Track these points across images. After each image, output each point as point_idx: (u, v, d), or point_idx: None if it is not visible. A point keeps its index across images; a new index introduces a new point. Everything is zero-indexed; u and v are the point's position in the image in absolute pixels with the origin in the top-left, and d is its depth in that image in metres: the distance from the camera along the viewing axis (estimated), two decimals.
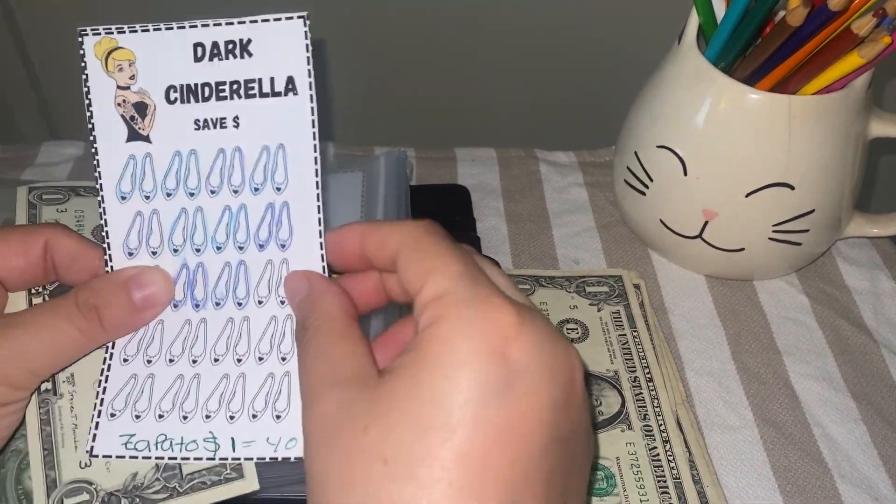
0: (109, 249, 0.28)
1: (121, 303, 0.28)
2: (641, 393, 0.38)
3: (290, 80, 0.27)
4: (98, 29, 0.28)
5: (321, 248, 0.27)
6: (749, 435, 0.38)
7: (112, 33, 0.28)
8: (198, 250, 0.28)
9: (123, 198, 0.28)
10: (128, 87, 0.28)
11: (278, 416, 0.27)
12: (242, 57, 0.27)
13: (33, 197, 0.35)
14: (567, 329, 0.42)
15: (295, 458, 0.26)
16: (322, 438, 0.22)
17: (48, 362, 0.27)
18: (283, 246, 0.27)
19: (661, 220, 0.44)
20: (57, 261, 0.30)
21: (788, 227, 0.41)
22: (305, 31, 0.27)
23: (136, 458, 0.27)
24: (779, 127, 0.38)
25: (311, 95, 0.27)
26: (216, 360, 0.28)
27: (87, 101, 0.28)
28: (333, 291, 0.26)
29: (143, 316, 0.28)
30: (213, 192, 0.28)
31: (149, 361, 0.28)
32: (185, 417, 0.27)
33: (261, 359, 0.27)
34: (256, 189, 0.27)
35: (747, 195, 0.40)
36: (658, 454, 0.36)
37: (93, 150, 0.28)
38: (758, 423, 0.39)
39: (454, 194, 0.50)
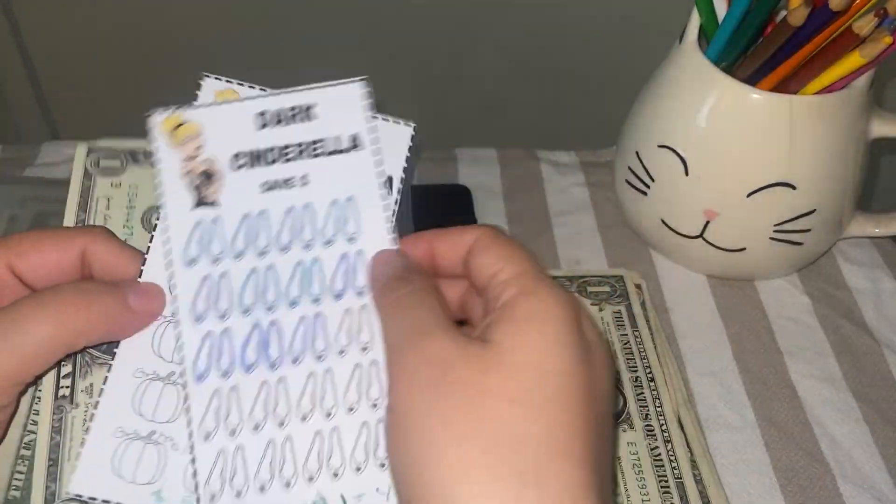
0: (177, 315, 0.28)
1: (111, 298, 0.27)
2: (643, 393, 0.38)
3: (355, 137, 0.28)
4: (167, 107, 0.29)
5: None
6: (751, 435, 0.38)
7: (179, 109, 0.29)
8: (270, 309, 0.28)
9: (191, 262, 0.28)
10: (195, 158, 0.29)
11: (382, 465, 0.26)
12: (306, 121, 0.28)
13: (90, 163, 0.34)
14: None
15: None
16: (436, 378, 0.22)
17: (43, 359, 0.26)
18: (360, 294, 0.27)
19: (662, 220, 0.44)
20: (93, 268, 0.29)
21: (790, 227, 0.41)
22: (366, 92, 0.28)
23: None
24: (780, 127, 0.38)
25: (376, 149, 0.28)
26: (304, 419, 0.27)
27: (158, 176, 0.29)
28: (425, 266, 0.27)
29: (135, 320, 0.27)
30: (283, 249, 0.28)
31: (232, 433, 0.27)
32: (287, 485, 0.26)
33: (351, 409, 0.26)
34: (328, 242, 0.28)
35: (749, 195, 0.40)
36: (660, 454, 0.36)
37: (161, 216, 0.28)
38: (759, 422, 0.39)
39: (455, 194, 0.50)
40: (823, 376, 0.41)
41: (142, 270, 0.28)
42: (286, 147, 0.28)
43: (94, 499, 0.26)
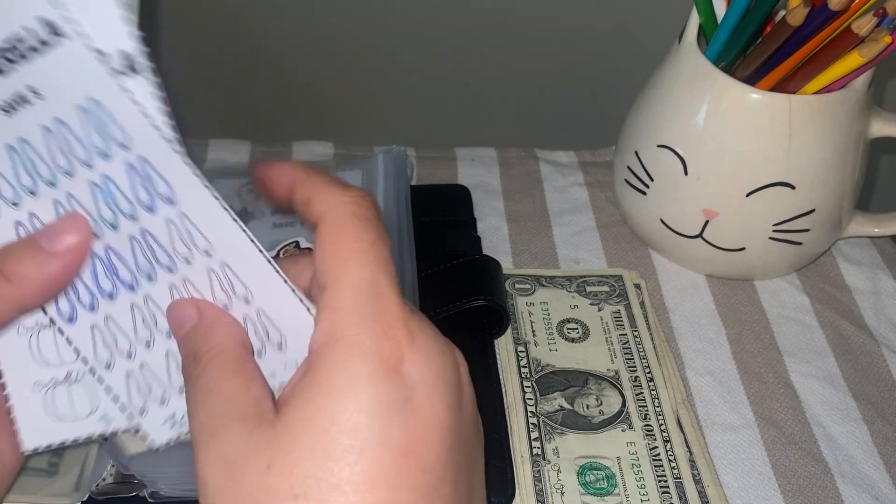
0: None
1: (25, 252, 0.25)
2: (642, 393, 0.38)
3: (47, 23, 0.22)
4: None
5: (205, 186, 0.23)
6: (750, 434, 0.38)
7: None
8: (95, 235, 0.25)
9: None
10: None
11: (281, 344, 0.25)
12: None
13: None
14: (567, 329, 0.42)
15: None
16: (223, 482, 0.21)
17: None
18: (169, 200, 0.24)
19: (661, 220, 0.44)
20: None
21: (789, 227, 0.41)
22: None
23: (187, 431, 0.26)
24: (779, 126, 0.38)
25: (78, 33, 0.22)
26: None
27: None
28: (226, 322, 0.24)
29: (59, 261, 0.25)
30: (68, 173, 0.25)
31: (129, 356, 0.27)
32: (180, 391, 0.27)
33: (225, 307, 0.25)
34: (106, 155, 0.24)
35: (748, 195, 0.40)
36: (659, 454, 0.36)
37: None
38: (758, 422, 0.39)
39: (454, 194, 0.50)
40: (822, 376, 0.41)
41: None
42: None
43: (50, 446, 0.27)
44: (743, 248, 0.43)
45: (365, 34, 0.69)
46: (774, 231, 0.41)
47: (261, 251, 0.24)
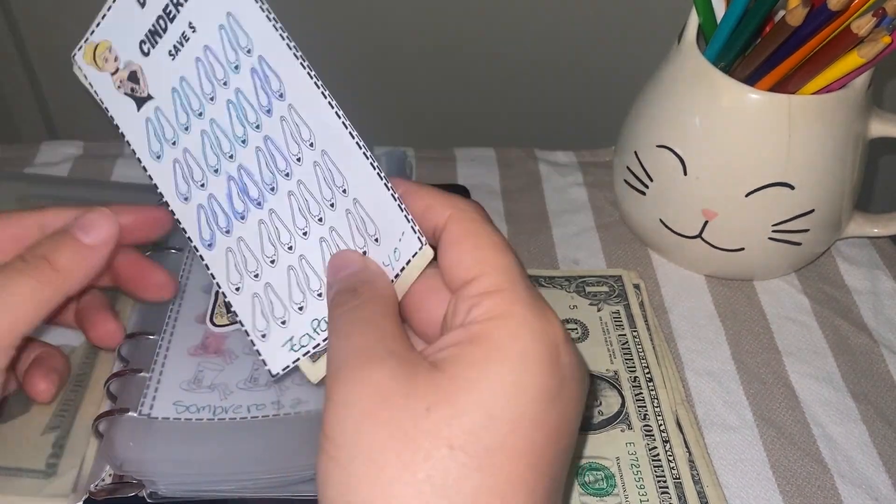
0: (169, 207, 0.30)
1: (69, 245, 0.28)
2: (641, 393, 0.38)
3: None
4: (80, 44, 0.31)
5: (309, 76, 0.26)
6: (749, 435, 0.38)
7: (88, 37, 0.30)
8: (230, 157, 0.28)
9: (158, 157, 0.30)
10: (116, 70, 0.30)
11: (376, 239, 0.26)
12: None
13: None
14: (566, 329, 0.41)
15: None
16: (373, 410, 0.21)
17: (18, 322, 0.27)
18: (280, 95, 0.27)
19: (660, 220, 0.44)
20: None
21: (788, 227, 0.41)
22: None
23: (307, 353, 0.28)
24: (779, 127, 0.38)
25: None
26: (304, 234, 0.28)
27: (103, 106, 0.30)
28: (388, 281, 0.25)
29: (97, 253, 0.28)
30: (212, 98, 0.28)
31: (256, 276, 0.29)
32: (320, 295, 0.27)
33: (332, 205, 0.27)
34: (236, 67, 0.27)
35: (747, 195, 0.40)
36: (658, 454, 0.36)
37: (121, 135, 0.30)
38: (757, 422, 0.39)
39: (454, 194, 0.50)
40: (822, 376, 0.41)
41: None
42: (166, 7, 0.28)
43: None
44: (742, 249, 0.42)
45: (365, 34, 0.69)
46: (774, 231, 0.41)
47: (353, 135, 0.25)
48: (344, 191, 0.26)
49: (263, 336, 0.29)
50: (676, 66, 0.41)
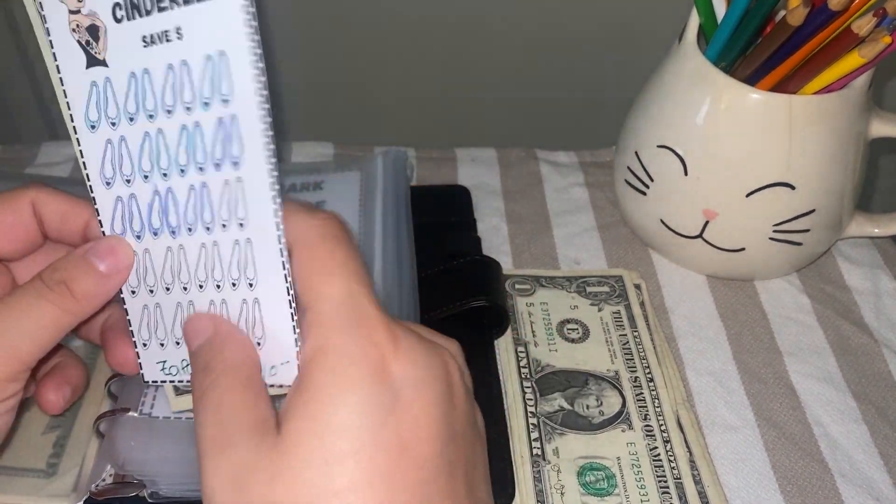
0: (89, 180, 0.28)
1: (87, 273, 0.28)
2: (642, 393, 0.38)
3: None
4: None
5: (269, 162, 0.25)
6: (750, 435, 0.38)
7: None
8: (165, 175, 0.27)
9: (93, 126, 0.28)
10: (78, 11, 0.27)
11: (259, 343, 0.26)
12: None
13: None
14: (567, 329, 0.42)
15: (280, 385, 0.26)
16: (231, 495, 0.21)
17: (33, 347, 0.27)
18: (235, 164, 0.26)
19: (661, 220, 0.44)
20: (46, 221, 0.30)
21: (789, 227, 0.41)
22: None
23: (173, 381, 0.29)
24: (779, 127, 0.38)
25: None
26: (201, 287, 0.27)
27: (44, 30, 0.27)
28: (239, 339, 0.25)
29: (112, 281, 0.28)
30: (168, 111, 0.26)
31: (151, 291, 0.28)
32: (178, 343, 0.28)
33: (234, 284, 0.27)
34: (206, 103, 0.26)
35: (748, 195, 0.40)
36: (659, 454, 0.36)
37: (59, 81, 0.28)
38: (758, 422, 0.39)
39: (454, 194, 0.50)
40: (823, 376, 0.41)
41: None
42: None
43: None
44: (743, 249, 0.42)
45: (365, 34, 0.69)
46: (774, 231, 0.41)
47: (282, 252, 0.25)
48: (250, 284, 0.26)
49: (144, 345, 0.29)
50: (677, 66, 0.41)
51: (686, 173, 0.41)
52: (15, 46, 0.70)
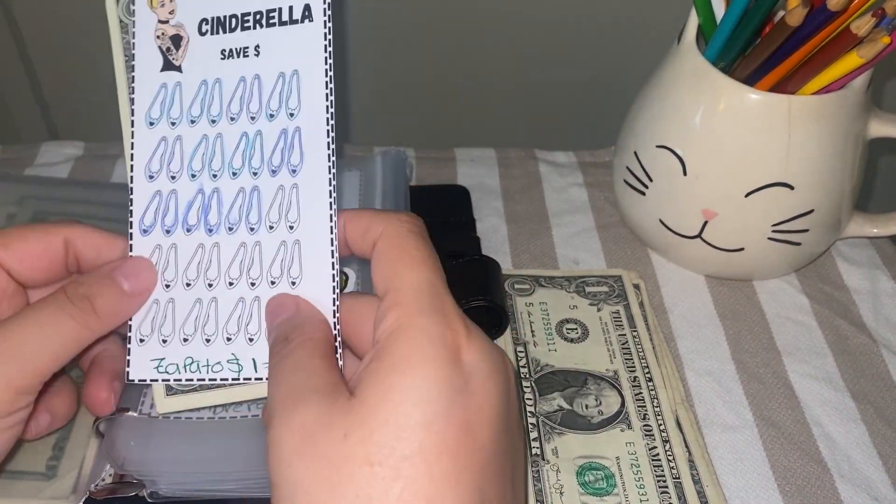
0: (132, 171, 0.30)
1: (111, 291, 0.28)
2: (641, 393, 0.38)
3: (307, 7, 0.28)
4: None
5: (329, 173, 0.27)
6: (748, 435, 0.38)
7: None
8: (215, 176, 0.29)
9: (151, 123, 0.30)
10: (167, 21, 0.30)
11: None
12: None
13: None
14: (567, 329, 0.42)
15: None
16: (301, 447, 0.22)
17: (49, 360, 0.27)
18: (293, 171, 0.27)
19: (660, 220, 0.44)
20: (81, 255, 0.30)
21: (788, 227, 0.41)
22: None
23: (167, 381, 0.29)
24: (778, 127, 0.38)
25: (325, 22, 0.28)
26: (231, 284, 0.28)
27: (131, 41, 0.30)
28: (319, 318, 0.27)
29: (134, 302, 0.29)
30: (232, 119, 0.29)
31: (167, 286, 0.29)
32: (207, 340, 0.28)
33: (273, 283, 0.28)
34: (272, 115, 0.28)
35: (747, 195, 0.40)
36: (658, 454, 0.36)
37: (129, 78, 0.30)
38: (757, 422, 0.39)
39: (454, 194, 0.50)
40: (821, 376, 0.41)
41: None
42: (246, 14, 0.29)
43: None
44: (742, 249, 0.43)
45: (364, 34, 0.69)
46: (773, 231, 0.41)
47: (333, 245, 0.26)
48: (293, 283, 0.27)
49: (142, 341, 0.29)
50: (676, 66, 0.41)
51: (685, 173, 0.41)
52: (15, 46, 0.70)
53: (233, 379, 0.28)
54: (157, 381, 0.29)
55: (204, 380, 0.28)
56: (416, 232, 0.26)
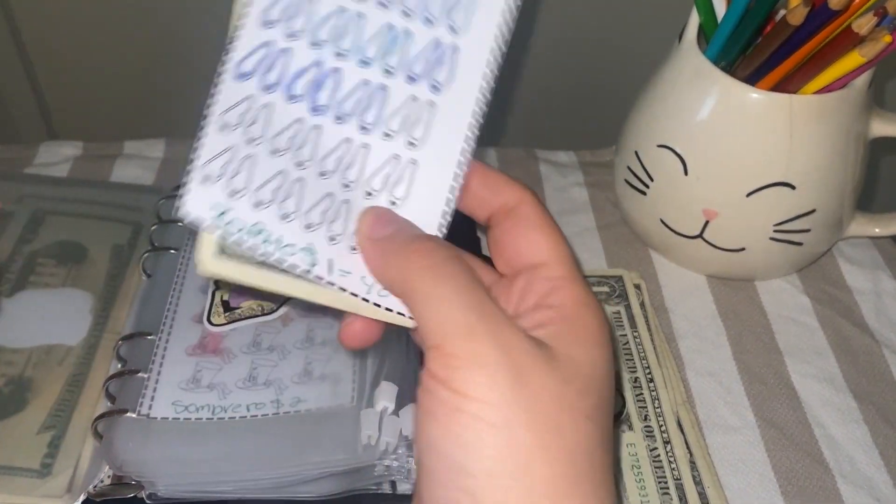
0: (245, 7, 0.25)
1: None
2: (642, 394, 0.38)
3: None
4: None
5: (478, 105, 0.25)
6: (750, 435, 0.38)
7: None
8: (339, 55, 0.25)
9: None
10: None
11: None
12: None
13: None
14: None
15: (392, 310, 0.24)
16: (515, 377, 0.21)
17: None
18: (434, 87, 0.24)
19: (661, 220, 0.44)
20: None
21: (789, 227, 0.41)
22: None
23: (222, 233, 0.24)
24: (780, 126, 0.38)
25: None
26: (322, 174, 0.25)
27: None
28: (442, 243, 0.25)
29: None
30: (383, 4, 0.25)
31: (250, 141, 0.24)
32: (285, 216, 0.24)
33: (369, 194, 0.25)
34: (429, 20, 0.24)
35: (748, 195, 0.40)
36: (659, 455, 0.36)
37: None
38: (759, 423, 0.39)
39: None
40: (823, 377, 0.41)
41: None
42: None
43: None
44: (743, 249, 0.42)
45: None
46: (775, 231, 0.41)
47: (453, 184, 0.24)
48: (392, 202, 0.25)
49: (206, 178, 0.24)
50: (677, 65, 0.41)
51: (686, 173, 0.41)
52: (15, 46, 0.70)
53: (303, 270, 0.24)
54: (206, 228, 0.24)
55: (268, 256, 0.24)
56: (542, 203, 0.27)
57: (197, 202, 0.24)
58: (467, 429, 0.21)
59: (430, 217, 0.25)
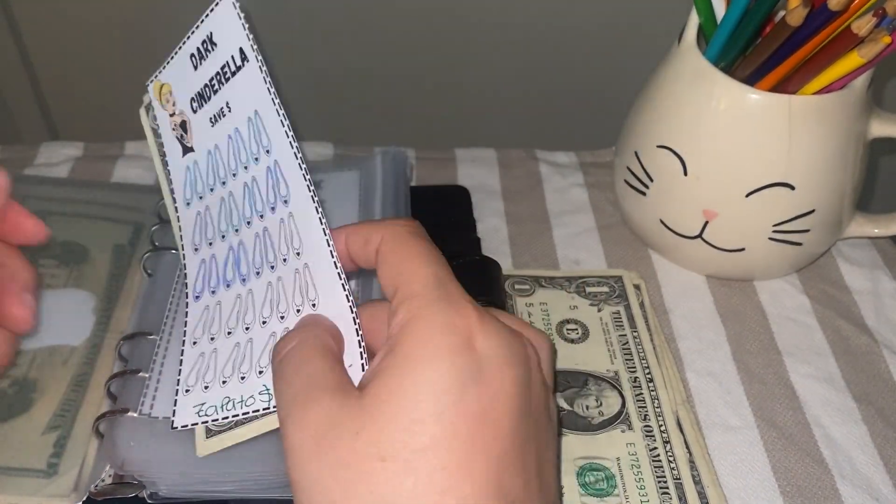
0: (183, 249, 0.33)
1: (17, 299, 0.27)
2: (642, 393, 0.38)
3: (241, 51, 0.29)
4: (152, 77, 0.33)
5: (309, 190, 0.28)
6: (749, 435, 0.38)
7: (159, 73, 0.33)
8: (237, 230, 0.31)
9: (188, 203, 0.33)
10: (173, 113, 0.33)
11: None
12: (213, 49, 0.30)
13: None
14: (567, 329, 0.42)
15: None
16: (314, 447, 0.22)
17: None
18: (285, 201, 0.28)
19: (661, 221, 0.44)
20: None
21: (789, 227, 0.41)
22: (233, 3, 0.28)
23: (206, 422, 0.29)
24: (779, 127, 0.38)
25: (256, 57, 0.28)
26: (264, 323, 0.29)
27: (158, 140, 0.34)
28: (322, 321, 0.27)
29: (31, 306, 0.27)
30: (234, 174, 0.31)
31: (212, 339, 0.30)
32: (242, 378, 0.29)
33: (298, 310, 0.28)
34: (256, 159, 0.29)
35: (748, 195, 0.40)
36: (658, 455, 0.36)
37: (166, 173, 0.34)
38: (758, 423, 0.39)
39: (454, 195, 0.50)
40: (823, 377, 0.41)
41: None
42: (211, 80, 0.30)
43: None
44: (743, 249, 0.42)
45: (365, 34, 0.69)
46: (774, 231, 0.41)
47: (336, 265, 0.27)
48: (313, 305, 0.27)
49: (187, 391, 0.30)
50: (677, 66, 0.41)
51: (686, 173, 0.41)
52: (15, 46, 0.70)
53: (264, 409, 0.28)
54: (197, 423, 0.29)
55: (238, 415, 0.28)
56: (417, 233, 0.26)
57: (184, 414, 0.30)
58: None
59: (337, 293, 0.27)
